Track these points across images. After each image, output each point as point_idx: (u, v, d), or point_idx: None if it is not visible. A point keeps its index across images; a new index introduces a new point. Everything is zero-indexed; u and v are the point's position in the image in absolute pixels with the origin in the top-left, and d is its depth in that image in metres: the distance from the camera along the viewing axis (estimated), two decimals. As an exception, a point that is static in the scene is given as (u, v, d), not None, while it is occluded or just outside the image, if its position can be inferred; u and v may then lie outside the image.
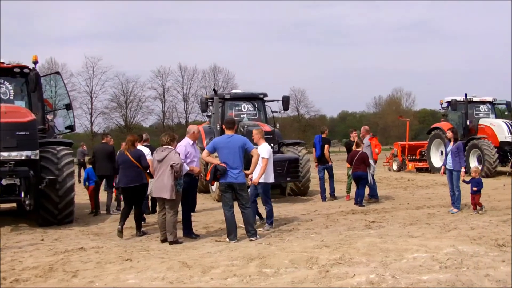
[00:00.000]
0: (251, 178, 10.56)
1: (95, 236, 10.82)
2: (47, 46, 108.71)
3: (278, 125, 18.85)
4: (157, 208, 10.48)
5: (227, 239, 9.61)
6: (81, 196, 16.98)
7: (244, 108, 18.63)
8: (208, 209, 14.52)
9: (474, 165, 21.29)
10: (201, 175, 11.46)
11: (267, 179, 11.06)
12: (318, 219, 12.09)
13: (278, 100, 19.06)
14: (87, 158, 22.35)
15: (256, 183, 10.74)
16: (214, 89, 19.03)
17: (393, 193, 17.81)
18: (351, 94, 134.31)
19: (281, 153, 17.04)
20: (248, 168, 10.01)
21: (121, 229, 10.52)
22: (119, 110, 69.74)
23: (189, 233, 10.25)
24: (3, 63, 13.09)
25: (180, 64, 73.65)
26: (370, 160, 14.74)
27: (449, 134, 13.01)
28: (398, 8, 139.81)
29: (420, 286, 6.06)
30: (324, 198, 15.93)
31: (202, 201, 16.03)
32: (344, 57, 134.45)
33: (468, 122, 25.41)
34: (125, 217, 10.67)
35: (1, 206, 14.44)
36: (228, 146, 9.62)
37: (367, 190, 15.14)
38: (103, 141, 14.88)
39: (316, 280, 6.39)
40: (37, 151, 11.60)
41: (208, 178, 9.90)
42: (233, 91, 20.60)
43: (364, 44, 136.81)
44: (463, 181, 12.57)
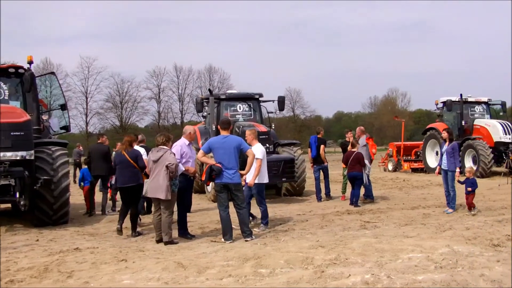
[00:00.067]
0: (245, 179, 10.55)
1: (90, 237, 10.80)
2: (42, 46, 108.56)
3: (274, 126, 18.88)
4: (152, 209, 10.49)
5: (223, 240, 9.60)
6: (76, 197, 16.96)
7: (240, 109, 18.63)
8: (204, 210, 14.51)
9: (469, 166, 21.36)
10: (197, 176, 11.46)
11: (261, 180, 11.04)
12: (314, 220, 12.09)
13: (274, 101, 19.07)
14: (83, 159, 22.31)
15: (252, 185, 10.74)
16: (210, 90, 18.97)
17: (388, 194, 17.83)
18: (347, 95, 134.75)
19: (277, 154, 17.03)
20: (244, 169, 10.03)
21: (121, 228, 10.75)
22: (115, 111, 69.52)
23: (185, 234, 10.25)
24: None
25: (176, 64, 73.55)
26: (366, 161, 14.75)
27: (445, 135, 13.03)
28: (393, 9, 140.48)
29: (415, 286, 6.08)
30: (320, 199, 15.94)
31: (198, 202, 16.00)
32: (340, 58, 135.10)
33: (463, 123, 25.49)
34: (124, 216, 10.84)
35: (-4, 207, 14.42)
36: (224, 147, 9.62)
37: (363, 191, 15.17)
38: (99, 141, 14.87)
39: (312, 280, 6.40)
40: (32, 152, 11.56)
41: (204, 179, 9.90)
42: (229, 92, 20.59)
43: (360, 45, 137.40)
44: (458, 182, 12.59)
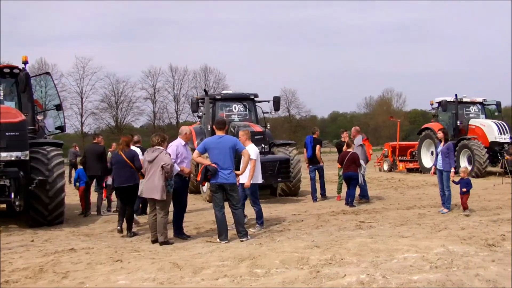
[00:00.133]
0: (239, 180, 10.54)
1: (86, 237, 10.78)
2: (37, 46, 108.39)
3: (269, 126, 18.86)
4: (148, 209, 10.49)
5: (218, 240, 9.60)
6: (72, 197, 16.93)
7: (235, 109, 18.62)
8: (199, 210, 14.50)
9: (464, 166, 21.41)
10: (192, 176, 11.45)
11: (255, 180, 11.00)
12: (309, 220, 12.10)
13: (269, 101, 19.10)
14: (79, 159, 22.28)
15: (248, 187, 10.73)
16: (205, 90, 18.98)
17: (384, 194, 17.85)
18: (342, 95, 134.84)
19: (272, 154, 17.03)
20: (238, 169, 10.03)
21: (121, 229, 10.87)
22: (110, 111, 69.41)
23: (180, 234, 10.24)
24: None
25: (171, 65, 73.52)
26: (361, 161, 14.76)
27: (440, 135, 13.04)
28: (389, 9, 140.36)
29: (411, 286, 6.09)
30: (315, 199, 15.95)
31: (193, 202, 16.00)
32: (335, 58, 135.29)
33: (459, 123, 25.53)
34: (123, 216, 10.87)
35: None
36: (219, 147, 9.61)
37: (358, 191, 15.18)
38: (94, 141, 14.85)
39: (307, 281, 6.40)
40: (27, 152, 11.54)
41: (199, 179, 9.90)
42: (224, 92, 20.59)
43: (355, 45, 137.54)
44: (453, 182, 12.61)
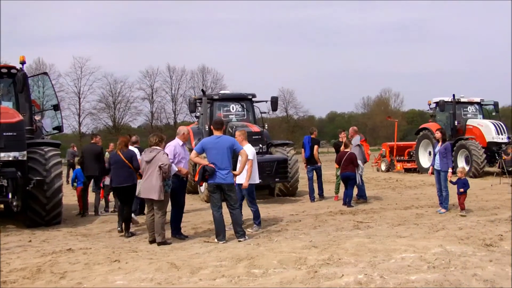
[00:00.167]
0: (235, 180, 10.52)
1: (83, 237, 10.77)
2: (35, 47, 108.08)
3: (267, 126, 18.84)
4: (145, 210, 10.48)
5: (216, 240, 9.59)
6: (69, 197, 16.91)
7: (233, 109, 18.61)
8: (197, 210, 14.50)
9: (461, 166, 21.42)
10: (190, 176, 11.43)
11: (252, 180, 10.97)
12: (307, 220, 12.09)
13: (267, 101, 19.06)
14: (77, 159, 22.25)
15: (246, 187, 10.72)
16: (203, 90, 18.94)
17: (382, 194, 17.85)
18: (340, 95, 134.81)
19: (270, 154, 17.03)
20: (235, 169, 10.03)
21: (121, 229, 10.98)
22: (107, 111, 69.27)
23: (178, 234, 10.23)
24: None
25: (169, 65, 73.35)
26: (358, 161, 14.75)
27: (438, 135, 13.04)
28: (388, 9, 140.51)
29: (408, 286, 6.09)
30: (313, 199, 15.94)
31: (191, 202, 15.98)
32: (333, 58, 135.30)
33: (456, 123, 25.56)
34: (122, 216, 10.96)
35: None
36: (217, 147, 9.60)
37: (356, 191, 15.17)
38: (92, 142, 14.83)
39: (305, 281, 6.40)
40: (25, 152, 11.52)
41: (197, 179, 9.89)
42: (222, 92, 20.58)
43: (353, 45, 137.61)
44: (450, 182, 12.61)
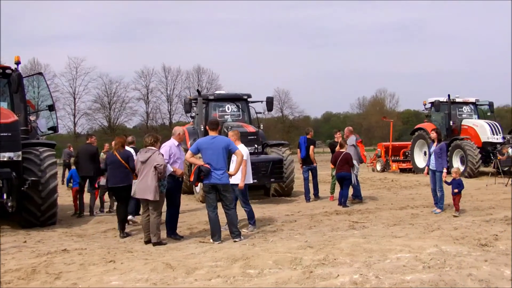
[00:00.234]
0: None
1: (78, 238, 10.75)
2: (30, 47, 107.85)
3: (262, 126, 18.84)
4: (141, 210, 10.48)
5: (211, 240, 9.59)
6: (65, 198, 16.89)
7: (228, 109, 18.60)
8: (192, 210, 14.48)
9: (456, 166, 21.45)
10: (185, 176, 11.43)
11: (246, 181, 10.93)
12: (302, 220, 12.10)
13: (262, 101, 19.08)
14: (73, 159, 22.21)
15: (242, 187, 10.72)
16: (198, 90, 18.95)
17: (377, 194, 17.87)
18: (335, 95, 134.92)
19: (265, 154, 17.02)
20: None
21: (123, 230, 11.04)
22: (103, 111, 69.24)
23: (173, 234, 10.22)
24: None
25: (164, 65, 73.48)
26: (354, 161, 14.76)
27: (433, 135, 13.05)
28: (381, 10, 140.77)
29: (404, 286, 6.10)
30: (308, 199, 15.95)
31: (186, 202, 15.97)
32: (328, 58, 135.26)
33: (451, 123, 25.59)
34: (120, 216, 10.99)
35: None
36: (212, 147, 9.59)
37: (351, 191, 15.19)
38: (88, 142, 14.80)
39: (300, 281, 6.40)
40: (20, 153, 11.48)
41: (192, 179, 9.88)
42: (217, 92, 20.55)
43: (347, 45, 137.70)
44: (445, 182, 12.62)
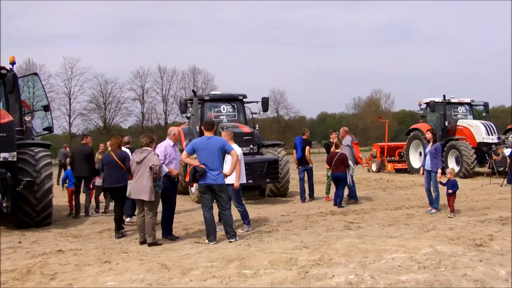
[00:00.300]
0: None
1: (74, 238, 10.73)
2: (25, 47, 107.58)
3: (258, 126, 18.82)
4: (136, 210, 10.46)
5: (207, 241, 9.58)
6: (60, 198, 16.84)
7: (224, 110, 18.60)
8: (188, 211, 14.47)
9: (451, 167, 21.48)
10: (180, 177, 11.42)
11: (240, 180, 10.97)
12: (298, 220, 12.10)
13: (258, 102, 19.07)
14: (68, 160, 22.18)
15: (237, 187, 10.72)
16: (193, 91, 18.95)
17: (372, 194, 17.88)
18: (331, 96, 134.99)
19: (261, 154, 17.02)
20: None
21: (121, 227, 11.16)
22: (98, 112, 69.16)
23: (169, 235, 10.21)
24: None
25: (160, 65, 73.45)
26: (349, 161, 14.77)
27: (429, 135, 13.06)
28: (377, 10, 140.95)
29: (399, 286, 6.11)
30: (304, 199, 15.95)
31: (182, 203, 15.96)
32: (324, 59, 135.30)
33: (447, 123, 25.65)
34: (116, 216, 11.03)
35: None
36: (207, 148, 9.57)
37: (346, 191, 15.19)
38: (83, 142, 14.77)
39: (296, 281, 6.40)
40: (15, 153, 11.45)
41: (188, 180, 9.87)
42: (213, 93, 20.53)
43: (343, 46, 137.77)
44: (440, 183, 12.63)
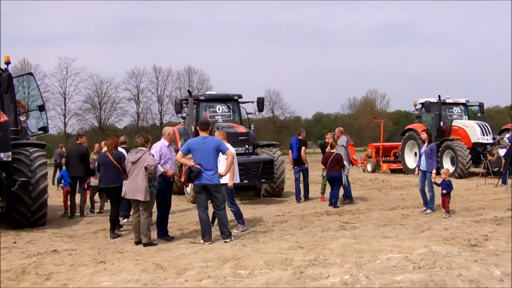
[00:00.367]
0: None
1: (69, 239, 10.71)
2: (20, 47, 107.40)
3: (253, 127, 18.81)
4: (131, 211, 10.45)
5: (202, 241, 9.58)
6: (55, 198, 16.83)
7: (219, 110, 18.58)
8: (183, 211, 14.47)
9: (446, 167, 21.51)
10: (176, 177, 11.42)
11: (233, 180, 10.98)
12: (293, 220, 12.11)
13: (253, 102, 19.04)
14: (64, 160, 22.14)
15: (231, 187, 10.72)
16: (189, 91, 18.90)
17: (367, 194, 17.89)
18: (326, 96, 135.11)
19: (256, 155, 17.02)
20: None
21: (120, 226, 11.38)
22: (93, 112, 68.91)
23: (164, 235, 10.21)
24: None
25: (155, 65, 73.15)
26: (344, 162, 14.78)
27: (424, 136, 13.08)
28: (377, 10, 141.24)
29: (394, 287, 6.12)
30: (299, 200, 15.95)
31: (177, 203, 15.94)
32: (323, 59, 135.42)
33: (442, 124, 25.67)
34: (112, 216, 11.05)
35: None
36: (203, 148, 9.57)
37: (342, 191, 15.20)
38: (78, 142, 14.73)
39: (291, 281, 6.41)
40: (10, 153, 11.44)
41: (183, 180, 9.86)
42: (208, 93, 20.53)
43: (343, 46, 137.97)
44: (434, 183, 12.66)
